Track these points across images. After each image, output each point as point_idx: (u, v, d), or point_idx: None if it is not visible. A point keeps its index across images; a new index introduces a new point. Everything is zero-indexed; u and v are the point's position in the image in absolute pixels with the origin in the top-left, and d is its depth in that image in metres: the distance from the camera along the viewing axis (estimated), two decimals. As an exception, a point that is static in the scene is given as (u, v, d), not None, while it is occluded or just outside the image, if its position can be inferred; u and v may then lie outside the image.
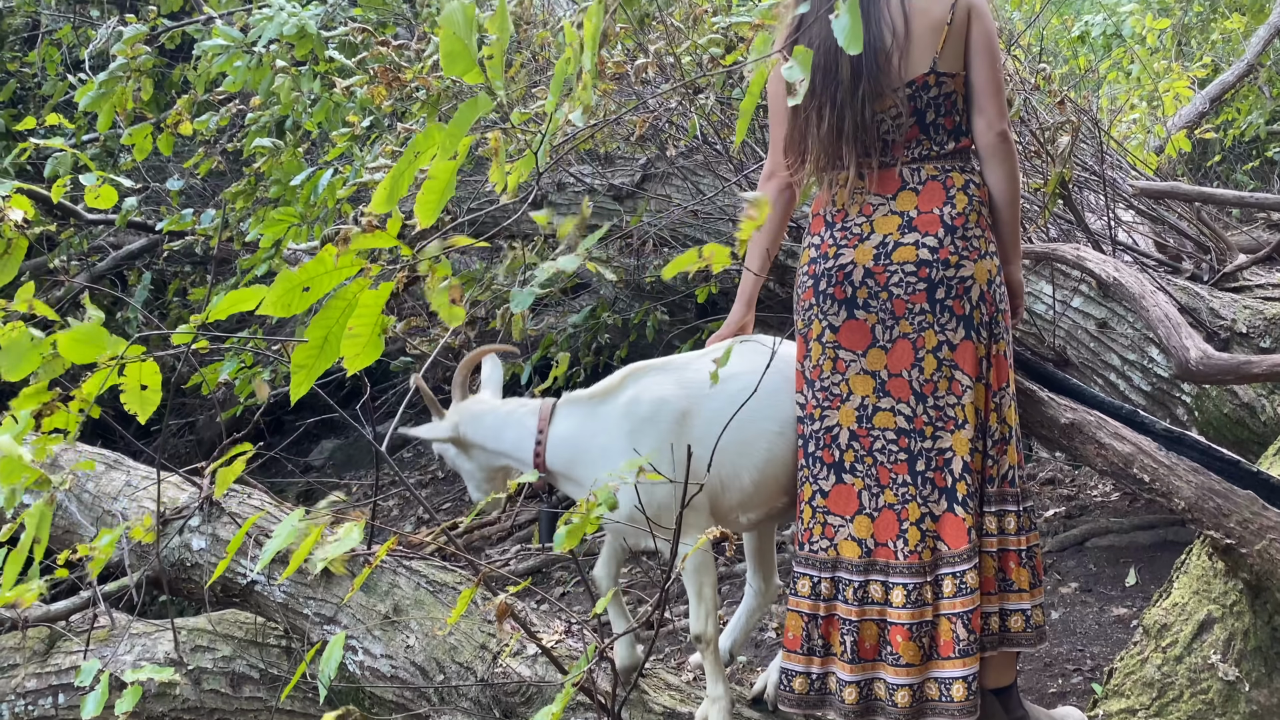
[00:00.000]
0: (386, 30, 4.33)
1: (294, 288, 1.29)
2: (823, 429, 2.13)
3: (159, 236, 4.75)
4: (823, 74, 2.03)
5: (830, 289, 2.11)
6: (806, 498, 2.15)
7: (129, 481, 2.68)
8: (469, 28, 1.39)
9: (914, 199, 2.10)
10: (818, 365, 2.14)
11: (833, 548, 2.12)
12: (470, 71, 1.40)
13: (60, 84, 5.19)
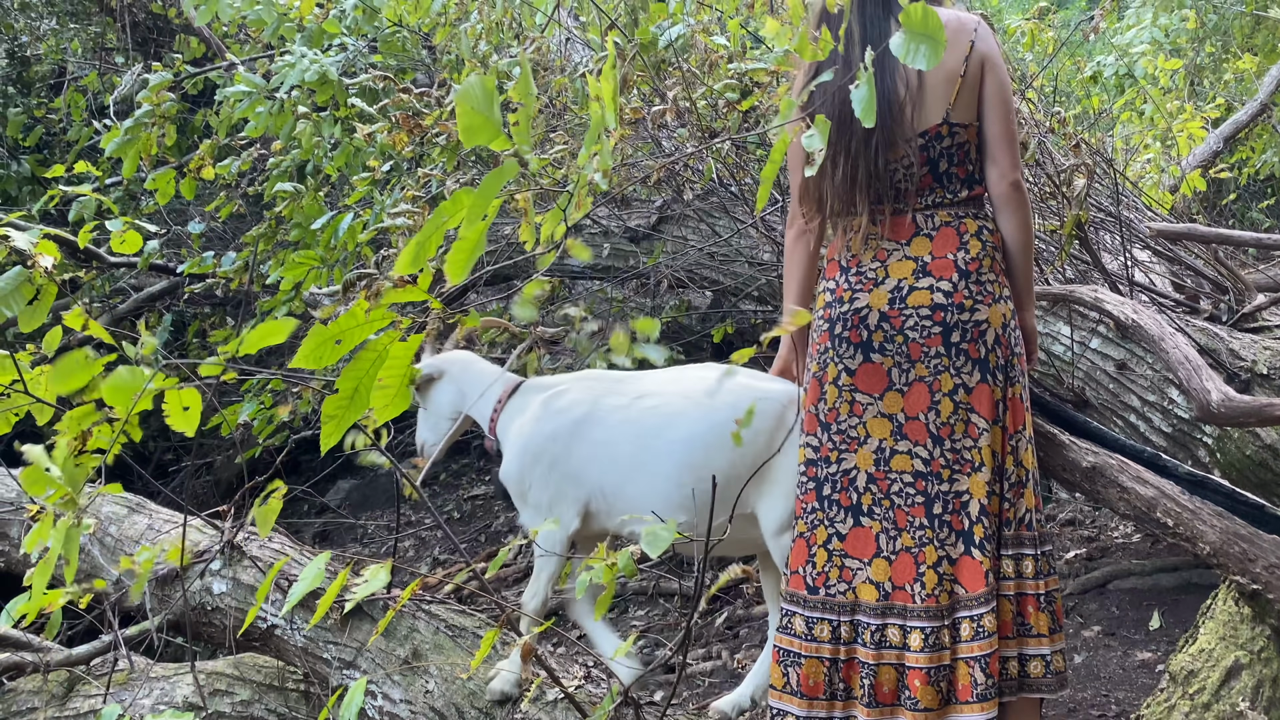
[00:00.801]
0: (406, 76, 4.39)
1: (326, 340, 1.32)
2: (839, 472, 2.15)
3: (180, 279, 4.81)
4: (837, 124, 2.03)
5: (845, 333, 2.13)
6: (821, 541, 2.15)
7: (151, 525, 2.69)
8: (489, 100, 1.42)
9: (928, 244, 2.13)
10: (834, 408, 2.15)
11: (850, 590, 2.12)
12: (495, 139, 1.43)
13: (86, 130, 5.28)
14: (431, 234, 1.41)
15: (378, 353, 1.34)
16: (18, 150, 5.60)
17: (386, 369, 1.36)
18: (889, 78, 2.05)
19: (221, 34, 5.26)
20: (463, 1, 3.84)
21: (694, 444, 2.34)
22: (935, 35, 1.48)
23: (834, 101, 2.01)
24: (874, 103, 1.48)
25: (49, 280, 2.26)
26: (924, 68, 1.47)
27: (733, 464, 2.29)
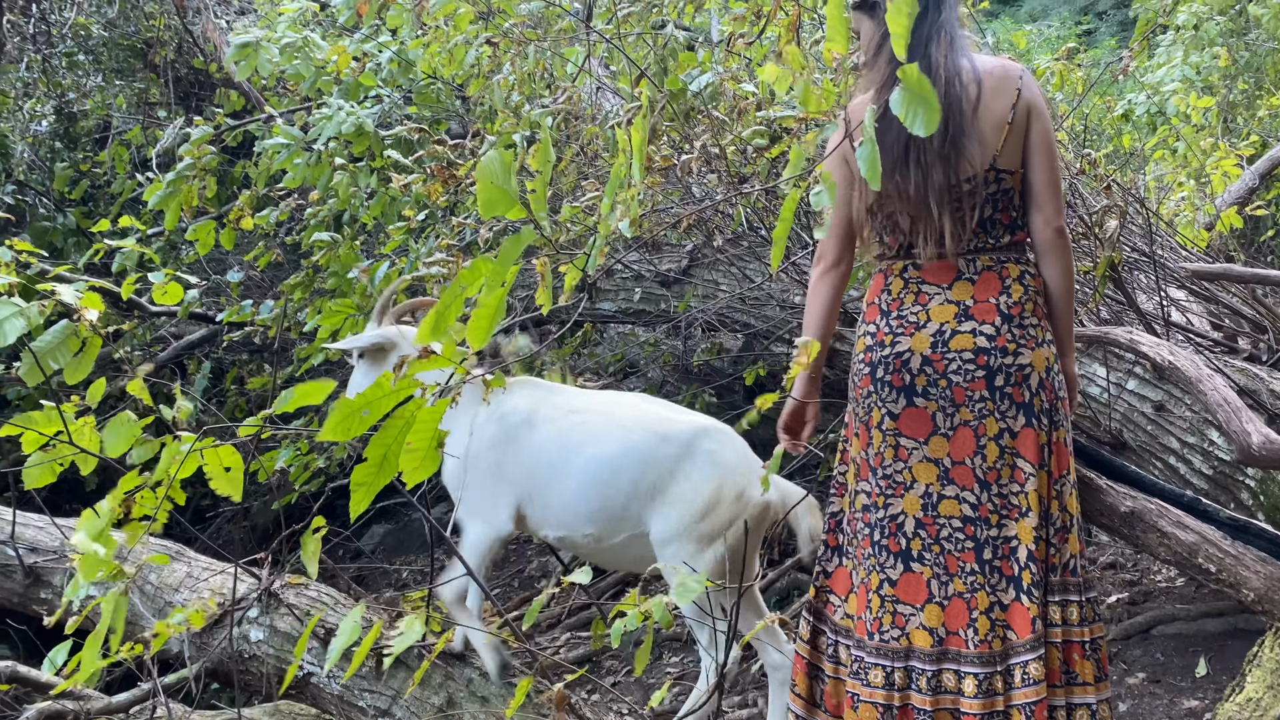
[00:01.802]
0: (440, 127, 4.47)
1: (353, 412, 1.35)
2: (887, 517, 2.14)
3: (219, 327, 4.89)
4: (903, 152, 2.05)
5: (888, 376, 2.12)
6: (874, 587, 2.14)
7: (190, 573, 2.72)
8: (506, 173, 1.47)
9: (970, 289, 2.12)
10: (879, 453, 2.15)
11: (904, 636, 2.11)
12: (512, 210, 1.48)
13: (129, 183, 5.41)
14: (451, 303, 1.46)
15: (405, 420, 1.37)
16: (64, 203, 5.75)
17: (414, 433, 1.39)
18: (956, 114, 2.04)
19: (260, 87, 5.40)
20: (496, 54, 3.91)
21: (604, 463, 2.52)
22: (931, 100, 1.49)
23: (895, 133, 2.00)
24: (878, 168, 1.49)
25: (94, 333, 2.32)
26: (922, 133, 1.48)
27: (635, 485, 2.50)
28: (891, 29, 1.53)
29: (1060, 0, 13.28)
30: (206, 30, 5.91)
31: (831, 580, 2.27)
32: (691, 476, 2.47)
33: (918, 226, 2.10)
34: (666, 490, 2.48)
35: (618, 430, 2.52)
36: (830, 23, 1.84)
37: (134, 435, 2.00)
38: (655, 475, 2.49)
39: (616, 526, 2.54)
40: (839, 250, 2.22)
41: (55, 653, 2.25)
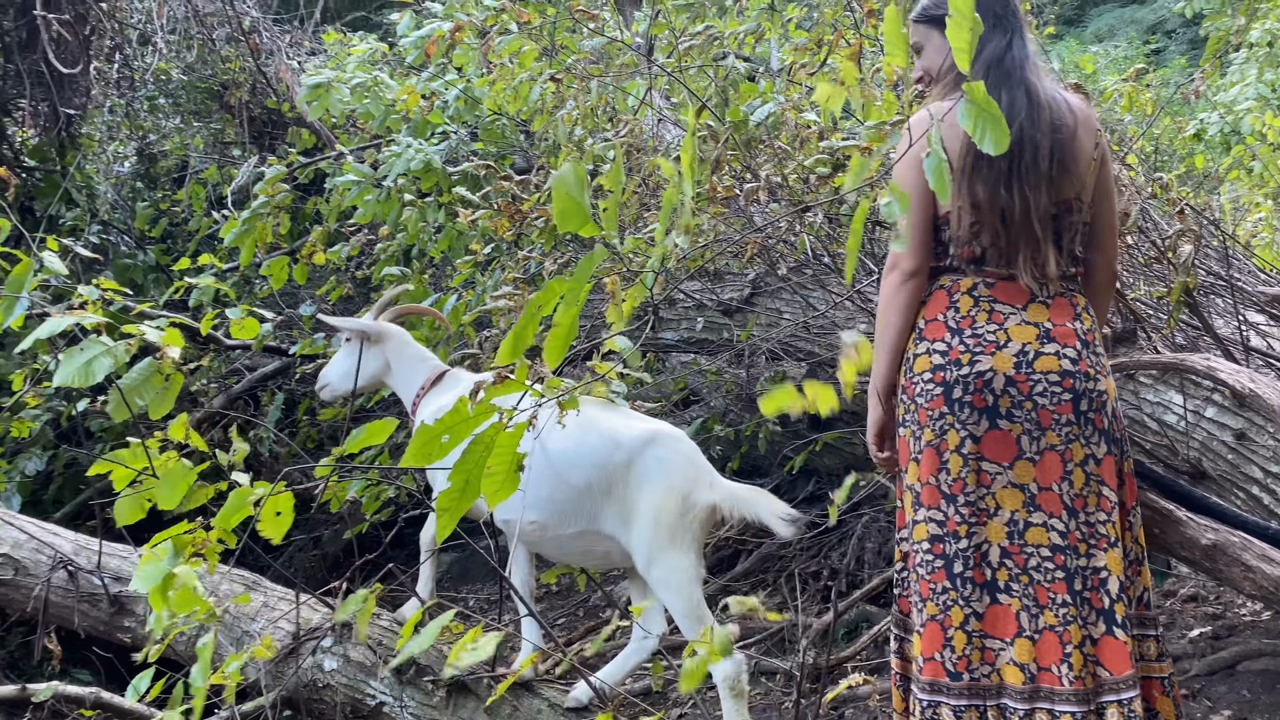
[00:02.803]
0: (505, 162, 4.55)
1: (433, 438, 1.37)
2: (970, 547, 2.05)
3: (292, 359, 5.01)
4: (1007, 160, 2.03)
5: (967, 397, 2.04)
6: (958, 622, 2.04)
7: (266, 602, 2.78)
8: (580, 187, 1.49)
9: (1045, 312, 2.08)
10: (959, 479, 2.05)
11: (995, 673, 2.03)
12: (585, 226, 1.50)
13: (206, 220, 5.58)
14: (528, 324, 1.48)
15: (485, 445, 1.40)
16: (144, 241, 5.95)
17: (495, 458, 1.41)
18: (1056, 134, 2.05)
19: (331, 126, 5.55)
20: (559, 90, 3.98)
21: (560, 457, 2.62)
22: (1000, 119, 1.49)
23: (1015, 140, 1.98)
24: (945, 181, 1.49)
25: (176, 370, 2.40)
26: (992, 152, 1.48)
27: (588, 485, 2.61)
28: (953, 44, 1.53)
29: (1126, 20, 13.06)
30: (279, 72, 6.10)
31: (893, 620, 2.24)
32: (643, 487, 2.57)
33: (1017, 248, 2.06)
34: (623, 498, 2.59)
35: (574, 430, 2.58)
36: (888, 38, 1.85)
37: (187, 485, 2.06)
38: (607, 479, 2.61)
39: (565, 520, 2.65)
40: (921, 256, 2.11)
41: (139, 680, 2.31)
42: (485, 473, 1.41)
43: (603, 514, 2.62)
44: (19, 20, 5.50)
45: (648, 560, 2.55)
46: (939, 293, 2.12)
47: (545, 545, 2.75)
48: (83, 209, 5.57)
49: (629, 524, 2.59)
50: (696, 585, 2.53)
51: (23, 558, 3.02)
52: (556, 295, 1.46)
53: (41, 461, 4.70)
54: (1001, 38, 2.09)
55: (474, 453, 1.41)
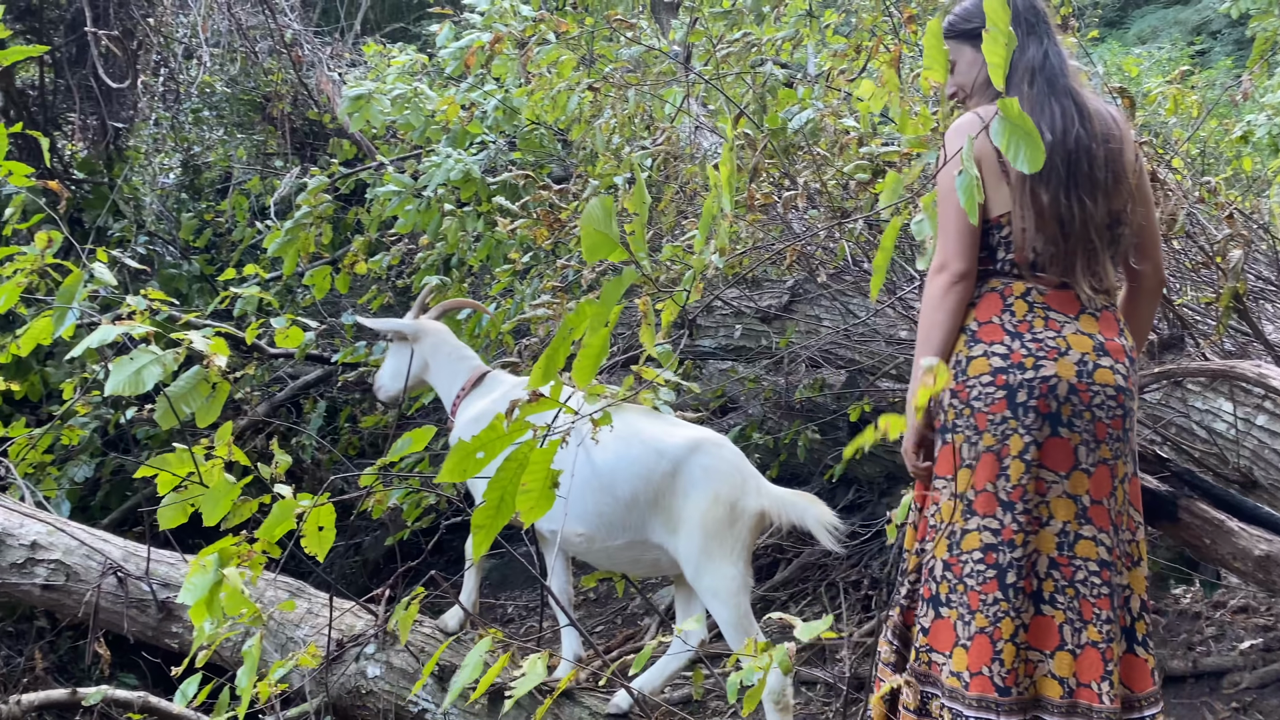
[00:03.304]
0: (543, 171, 4.58)
1: (469, 454, 1.39)
2: (1024, 556, 1.99)
3: (334, 367, 5.07)
4: (1066, 168, 2.02)
5: (1032, 401, 1.99)
6: (1008, 635, 1.97)
7: (310, 609, 2.81)
8: (608, 218, 1.51)
9: (1095, 324, 2.05)
10: (1019, 485, 1.99)
11: (1033, 685, 1.99)
12: (614, 253, 1.52)
13: (249, 230, 5.66)
14: (560, 346, 1.50)
15: (519, 461, 1.41)
16: (189, 251, 6.05)
17: (529, 474, 1.42)
18: (1108, 144, 2.05)
19: (372, 136, 5.61)
20: (597, 99, 4.00)
21: (604, 469, 2.58)
22: (1035, 137, 1.48)
23: (1057, 145, 1.99)
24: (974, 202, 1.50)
25: (223, 378, 2.44)
26: (1026, 170, 1.47)
27: (633, 496, 2.57)
28: (989, 58, 1.52)
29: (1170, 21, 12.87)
30: (320, 83, 6.18)
31: (931, 637, 2.08)
32: (689, 496, 2.53)
33: (1075, 257, 2.03)
34: (669, 507, 2.56)
35: (615, 442, 2.55)
36: (928, 52, 1.85)
37: (231, 500, 2.09)
38: (653, 490, 2.57)
39: (613, 532, 2.62)
40: (971, 258, 2.04)
41: (187, 685, 2.35)
42: (520, 489, 1.42)
43: (650, 524, 2.60)
44: (69, 37, 5.62)
45: (696, 569, 2.53)
46: (991, 295, 2.06)
47: (593, 555, 2.74)
48: (130, 220, 5.67)
49: (676, 533, 2.56)
50: (745, 595, 2.51)
51: (74, 563, 3.07)
52: (586, 318, 1.48)
53: (90, 468, 4.79)
54: (1038, 46, 2.08)
55: (509, 470, 1.42)
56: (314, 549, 2.17)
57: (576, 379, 1.59)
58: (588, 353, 1.51)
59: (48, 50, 5.06)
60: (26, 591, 3.12)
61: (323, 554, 2.20)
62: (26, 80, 5.73)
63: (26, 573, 3.10)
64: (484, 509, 1.41)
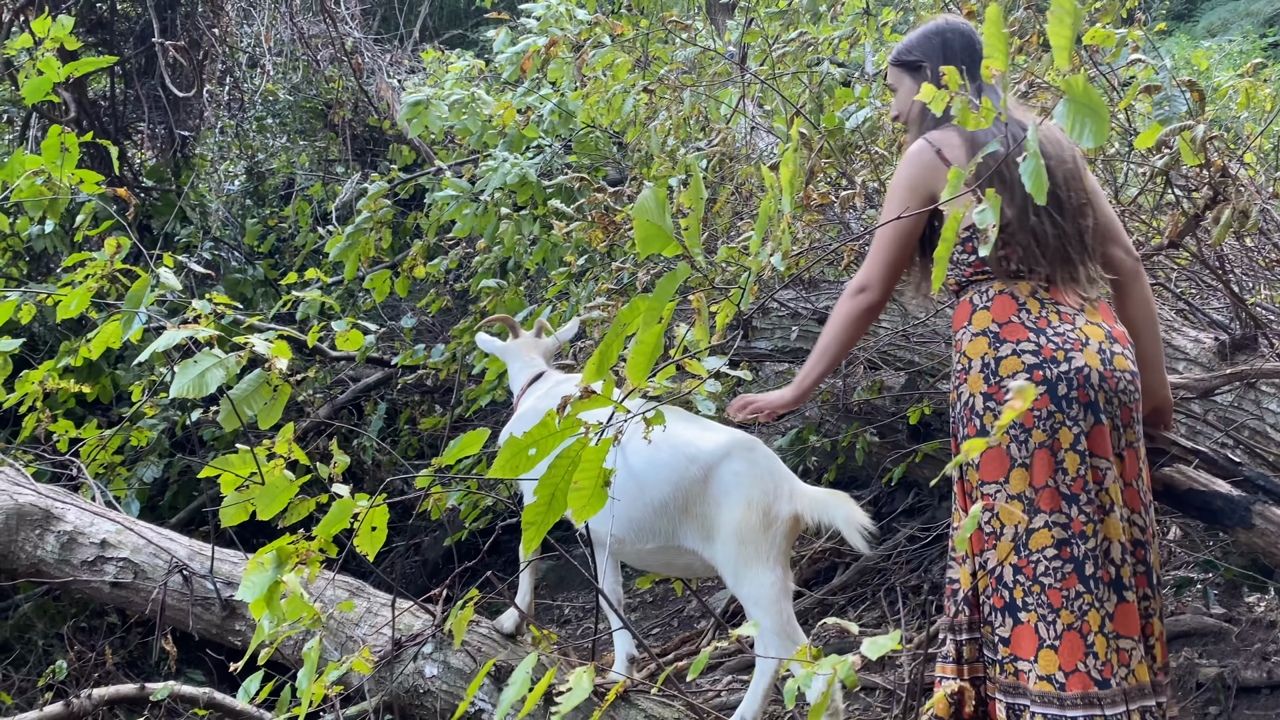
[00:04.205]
0: (599, 174, 4.59)
1: (520, 451, 1.39)
2: (1097, 546, 2.00)
3: (394, 370, 5.13)
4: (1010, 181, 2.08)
5: (1073, 393, 2.01)
6: (1096, 627, 1.97)
7: (369, 608, 2.84)
8: (661, 211, 1.50)
9: (1098, 314, 2.12)
10: (1078, 477, 2.01)
11: (1131, 674, 1.98)
12: (667, 247, 1.51)
13: (311, 235, 5.77)
14: (613, 343, 1.49)
15: (571, 458, 1.40)
16: (253, 256, 6.18)
17: (581, 472, 1.41)
18: (1064, 165, 2.13)
19: (430, 142, 5.67)
20: (652, 100, 3.99)
21: (634, 474, 2.55)
22: (1102, 110, 1.46)
23: (1012, 161, 2.02)
24: (1043, 182, 1.47)
25: (284, 381, 2.48)
26: (1090, 145, 1.46)
27: (664, 503, 2.54)
28: (1054, 41, 1.51)
29: (1240, 13, 12.51)
30: (380, 90, 6.27)
31: (1014, 646, 2.04)
32: (722, 503, 2.50)
33: (1055, 267, 2.11)
34: (702, 514, 2.53)
35: (646, 447, 2.52)
36: (988, 40, 1.82)
37: (288, 497, 2.13)
38: (683, 496, 2.54)
39: (643, 536, 2.60)
40: (889, 289, 2.19)
41: (249, 682, 2.39)
42: (571, 487, 1.41)
43: (681, 530, 2.56)
44: (138, 48, 5.78)
45: (735, 577, 2.50)
46: (1002, 297, 2.10)
47: (626, 557, 2.74)
48: (196, 226, 5.81)
49: (711, 540, 2.52)
50: (786, 600, 2.47)
51: (141, 561, 3.15)
52: (639, 314, 1.46)
53: (158, 469, 4.91)
54: (973, 84, 2.16)
55: (560, 467, 1.42)
56: (365, 548, 2.19)
57: (630, 376, 1.58)
58: (641, 349, 1.50)
59: (117, 61, 5.20)
60: (97, 588, 3.20)
61: (374, 553, 2.23)
62: (98, 91, 5.89)
63: (97, 570, 3.18)
64: (534, 506, 1.41)
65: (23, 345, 3.55)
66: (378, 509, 1.97)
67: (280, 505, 2.22)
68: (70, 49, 3.75)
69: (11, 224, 4.05)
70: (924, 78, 2.19)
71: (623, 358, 1.52)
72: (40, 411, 3.91)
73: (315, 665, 1.81)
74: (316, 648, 1.83)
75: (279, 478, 2.24)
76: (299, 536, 2.12)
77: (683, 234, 1.83)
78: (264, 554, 2.03)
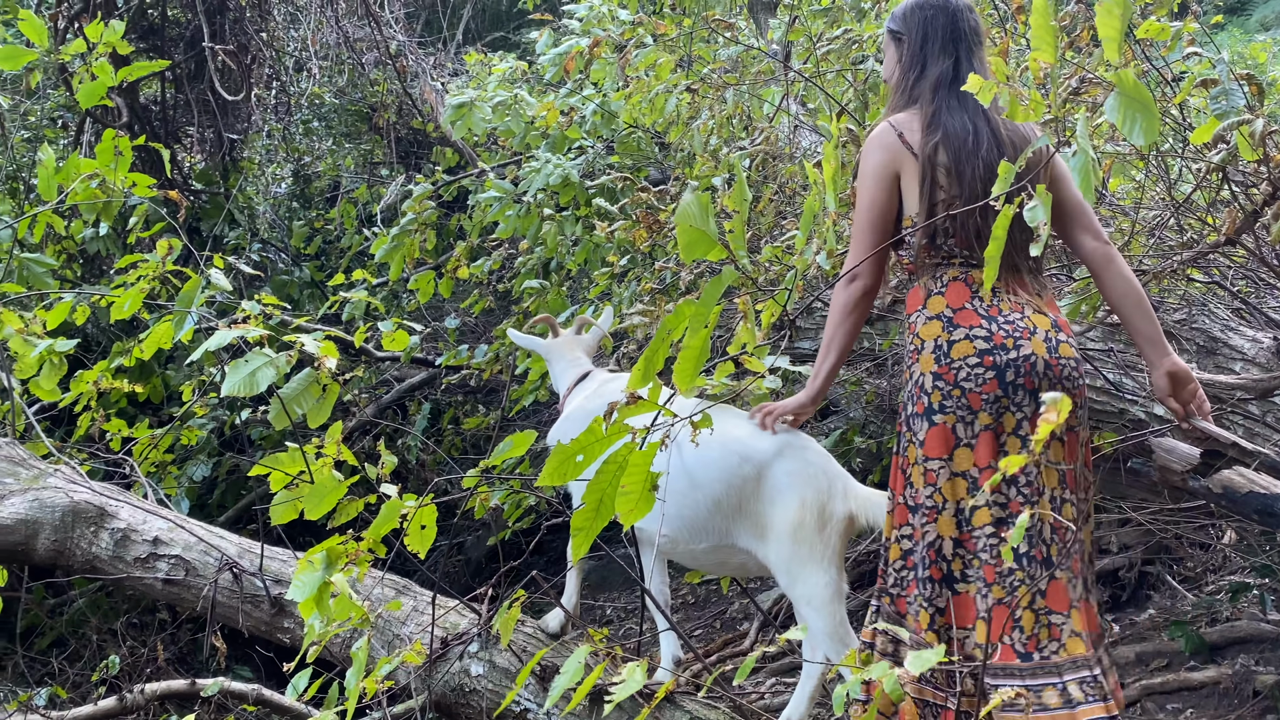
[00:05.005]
0: (640, 174, 4.59)
1: (568, 457, 1.39)
2: (1032, 526, 2.10)
3: (438, 370, 5.17)
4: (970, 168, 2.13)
5: (1020, 379, 2.11)
6: (1025, 603, 2.07)
7: (416, 607, 2.86)
8: (705, 215, 1.50)
9: (1042, 302, 2.19)
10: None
11: (1062, 649, 2.06)
12: (712, 251, 1.50)
13: (357, 237, 5.82)
14: (659, 349, 1.49)
15: (619, 464, 1.40)
16: (300, 258, 6.26)
17: (628, 476, 1.42)
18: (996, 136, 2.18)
19: (473, 143, 5.71)
20: (694, 100, 3.98)
21: (683, 472, 2.50)
22: (1150, 106, 1.44)
23: (963, 150, 2.12)
24: (1090, 179, 1.45)
25: (333, 380, 2.51)
26: (1140, 141, 1.45)
27: (716, 502, 2.50)
28: (1103, 34, 1.50)
29: (1296, 5, 12.23)
30: (424, 93, 6.32)
31: (947, 616, 2.15)
32: (775, 502, 2.47)
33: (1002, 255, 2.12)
34: (755, 513, 2.50)
35: (698, 443, 2.51)
36: (1036, 33, 1.80)
37: (336, 497, 2.15)
38: (736, 495, 2.51)
39: (697, 535, 2.57)
40: (878, 274, 2.27)
41: (298, 679, 2.41)
42: (619, 491, 1.41)
43: (735, 529, 2.54)
44: (188, 53, 5.87)
45: (789, 577, 2.47)
46: (956, 284, 2.17)
47: (679, 556, 2.72)
48: (244, 228, 5.89)
49: (765, 540, 2.49)
50: (840, 602, 2.44)
51: (193, 559, 3.20)
52: (685, 319, 1.46)
53: (207, 467, 4.99)
54: (948, 61, 2.20)
55: (607, 472, 1.42)
56: (416, 547, 2.21)
57: (677, 381, 1.57)
58: (688, 354, 1.50)
59: (168, 66, 5.29)
60: (149, 585, 3.26)
61: (424, 551, 2.25)
62: (149, 95, 6.00)
63: (149, 567, 3.24)
64: (583, 511, 1.41)
65: (77, 345, 3.63)
66: (427, 508, 1.98)
67: (329, 505, 2.25)
68: (122, 54, 3.83)
69: (66, 226, 4.14)
70: (903, 50, 2.26)
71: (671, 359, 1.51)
72: (94, 411, 3.98)
73: (364, 664, 1.82)
74: (365, 647, 1.85)
75: (328, 478, 2.26)
76: (348, 536, 2.14)
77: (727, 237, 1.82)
78: (314, 554, 2.05)
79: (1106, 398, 3.07)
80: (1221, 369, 3.03)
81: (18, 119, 5.77)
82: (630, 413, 1.58)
